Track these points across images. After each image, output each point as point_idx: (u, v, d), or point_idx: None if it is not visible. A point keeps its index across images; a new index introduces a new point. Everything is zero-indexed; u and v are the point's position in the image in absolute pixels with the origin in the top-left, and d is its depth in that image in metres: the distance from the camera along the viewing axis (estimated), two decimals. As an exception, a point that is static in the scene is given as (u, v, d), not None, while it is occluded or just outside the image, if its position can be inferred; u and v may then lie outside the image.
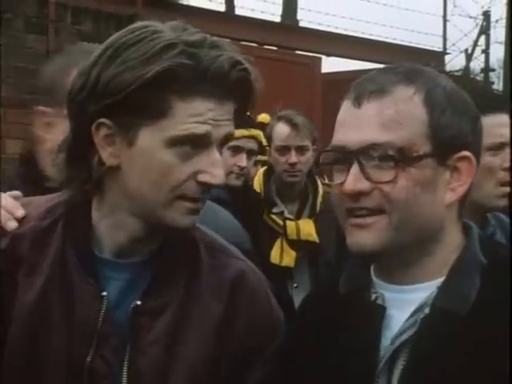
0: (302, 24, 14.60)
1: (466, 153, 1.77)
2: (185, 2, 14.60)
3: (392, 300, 1.80)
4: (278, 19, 15.74)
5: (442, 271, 1.78)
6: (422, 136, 1.76)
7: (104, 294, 1.82)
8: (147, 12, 8.80)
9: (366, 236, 1.77)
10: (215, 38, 1.82)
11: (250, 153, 4.60)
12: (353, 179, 1.76)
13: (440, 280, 1.77)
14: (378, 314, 1.80)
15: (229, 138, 1.82)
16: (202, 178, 1.79)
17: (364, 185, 1.76)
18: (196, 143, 1.78)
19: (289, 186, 4.64)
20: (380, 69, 1.87)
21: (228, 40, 1.92)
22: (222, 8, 16.02)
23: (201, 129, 1.77)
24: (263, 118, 5.01)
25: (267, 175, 4.72)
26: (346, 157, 1.78)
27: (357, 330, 1.80)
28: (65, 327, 1.81)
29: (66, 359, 1.79)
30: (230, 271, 1.93)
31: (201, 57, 1.76)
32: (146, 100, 1.75)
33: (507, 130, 2.90)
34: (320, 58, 11.01)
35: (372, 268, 1.87)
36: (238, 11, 15.30)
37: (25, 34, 7.65)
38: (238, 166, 4.49)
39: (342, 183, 1.76)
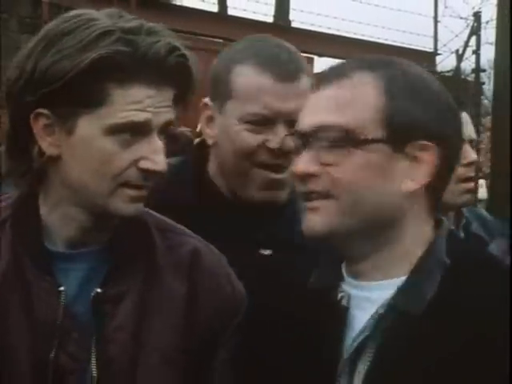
0: (294, 24, 14.58)
1: (425, 142, 1.71)
2: (178, 3, 14.57)
3: (357, 299, 1.76)
4: (270, 20, 15.72)
5: (404, 267, 1.74)
6: (374, 121, 1.71)
7: (61, 288, 1.77)
8: (140, 12, 8.80)
9: (315, 219, 1.75)
10: (152, 24, 1.78)
11: None
12: (303, 161, 1.75)
13: (402, 278, 1.73)
14: (340, 314, 1.76)
15: (169, 124, 1.79)
16: (144, 164, 1.76)
17: (313, 167, 1.73)
18: (136, 131, 1.74)
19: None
20: (349, 59, 1.85)
21: (221, 40, 1.91)
22: (214, 8, 15.99)
23: (140, 116, 1.74)
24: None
25: None
26: (302, 140, 1.76)
27: (320, 329, 1.77)
28: (26, 326, 1.76)
29: (30, 358, 1.74)
30: (185, 250, 1.91)
31: (138, 43, 1.73)
32: (84, 88, 1.71)
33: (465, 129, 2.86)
34: (312, 59, 11.01)
35: (343, 264, 1.82)
36: (231, 12, 15.25)
37: (19, 35, 7.63)
38: None
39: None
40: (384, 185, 1.71)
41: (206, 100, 2.41)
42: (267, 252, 2.32)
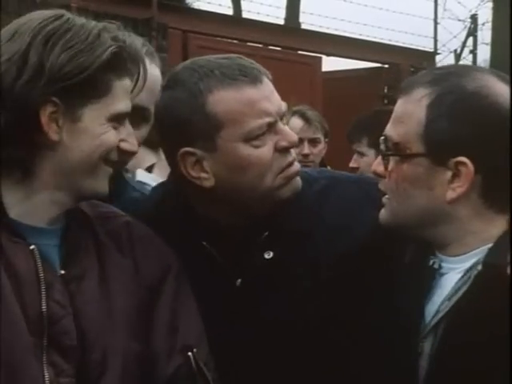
0: (304, 26, 14.53)
1: (462, 158, 1.75)
2: (195, 6, 14.55)
3: (446, 268, 1.83)
4: (281, 22, 15.67)
5: (481, 245, 1.78)
6: (417, 136, 1.78)
7: (32, 247, 1.79)
8: (162, 15, 8.79)
9: (381, 212, 1.89)
10: (109, 24, 1.89)
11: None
12: (375, 163, 1.88)
13: (483, 248, 1.77)
14: (432, 275, 1.83)
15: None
16: (124, 145, 1.88)
17: (381, 168, 1.86)
18: (123, 117, 1.87)
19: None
20: (434, 67, 1.91)
21: (236, 41, 1.93)
22: (230, 12, 15.99)
23: (129, 105, 1.87)
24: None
25: None
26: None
27: (411, 292, 1.84)
28: (14, 286, 1.76)
29: (24, 313, 1.76)
30: (119, 228, 1.97)
31: (122, 39, 1.86)
32: (95, 80, 1.80)
33: None
34: (320, 58, 10.98)
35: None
36: (245, 15, 15.24)
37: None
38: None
39: None
40: (428, 194, 1.79)
41: (184, 150, 2.03)
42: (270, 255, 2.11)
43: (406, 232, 1.86)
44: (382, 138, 1.85)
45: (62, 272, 1.82)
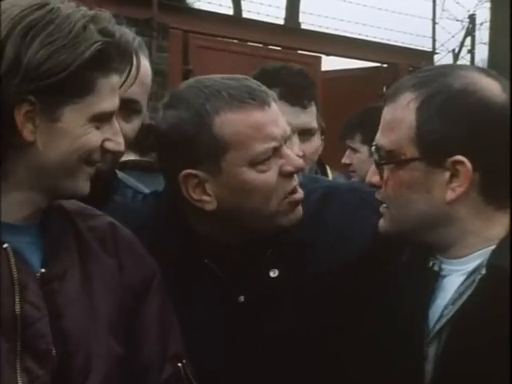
0: (303, 26, 14.50)
1: (459, 157, 1.73)
2: (196, 6, 14.53)
3: (446, 270, 1.81)
4: (281, 22, 15.64)
5: (481, 246, 1.76)
6: (409, 141, 1.76)
7: (5, 245, 1.69)
8: (162, 15, 8.78)
9: (380, 222, 1.86)
10: (98, 11, 1.74)
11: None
12: (369, 173, 1.86)
13: (486, 250, 1.75)
14: (432, 278, 1.81)
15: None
16: (109, 145, 1.75)
17: (376, 178, 1.83)
18: (108, 115, 1.74)
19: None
20: (419, 69, 1.89)
21: (236, 41, 1.90)
22: (230, 12, 15.96)
23: (116, 103, 1.74)
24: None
25: None
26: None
27: (412, 295, 1.81)
28: None
29: None
30: (104, 228, 1.88)
31: (112, 32, 1.71)
32: (76, 79, 1.66)
33: (292, 120, 2.78)
34: (320, 58, 10.96)
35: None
36: (245, 15, 15.21)
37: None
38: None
39: None
40: (426, 197, 1.77)
41: (187, 172, 1.98)
42: (276, 274, 2.07)
43: (407, 238, 1.84)
44: (374, 147, 1.82)
45: (43, 270, 1.72)
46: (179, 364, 1.85)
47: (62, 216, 1.83)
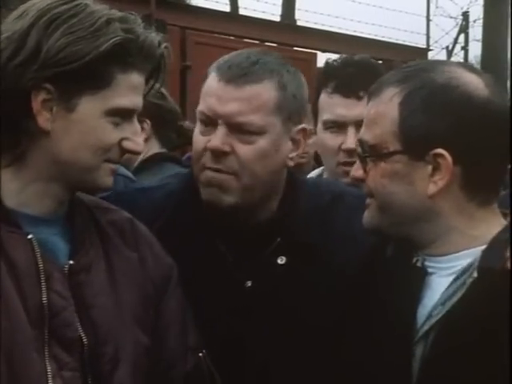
0: (299, 23, 14.52)
1: (439, 150, 1.72)
2: (193, 3, 14.52)
3: (429, 267, 1.80)
4: (277, 19, 15.65)
5: (466, 245, 1.75)
6: (392, 135, 1.76)
7: (29, 236, 1.71)
8: (160, 12, 8.76)
9: (365, 214, 1.87)
10: (127, 14, 1.78)
11: None
12: (354, 167, 1.86)
13: (469, 251, 1.74)
14: (417, 275, 1.80)
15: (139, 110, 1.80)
16: (127, 145, 1.77)
17: (359, 172, 1.83)
18: (126, 114, 1.74)
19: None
20: (400, 67, 1.87)
21: (232, 37, 1.91)
22: (227, 8, 15.95)
23: (135, 101, 1.75)
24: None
25: None
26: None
27: (396, 292, 1.81)
28: (13, 276, 1.68)
29: (24, 304, 1.68)
30: (123, 222, 1.90)
31: (136, 32, 1.73)
32: (93, 70, 1.68)
33: (347, 112, 2.79)
34: (316, 54, 10.93)
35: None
36: (242, 11, 15.22)
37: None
38: None
39: None
40: (408, 189, 1.76)
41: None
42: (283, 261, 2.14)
43: (389, 232, 1.82)
44: (357, 142, 1.83)
45: (71, 262, 1.75)
46: (200, 354, 1.90)
47: (84, 209, 1.85)
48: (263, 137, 2.10)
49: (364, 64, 2.93)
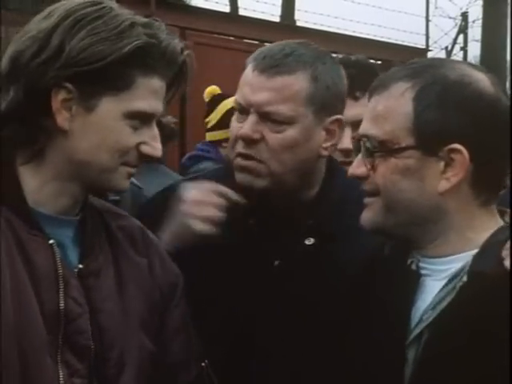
0: (299, 23, 14.54)
1: (456, 145, 1.71)
2: (193, 4, 14.52)
3: (424, 269, 1.78)
4: (277, 19, 15.64)
5: (464, 248, 1.74)
6: (405, 130, 1.73)
7: (51, 241, 1.72)
8: (160, 13, 8.76)
9: (366, 214, 1.81)
10: (152, 20, 1.78)
11: None
12: (354, 164, 1.81)
13: (467, 254, 1.73)
14: (410, 277, 1.79)
15: (160, 115, 1.80)
16: (145, 149, 1.77)
17: (361, 170, 1.79)
18: (145, 118, 1.75)
19: None
20: (404, 64, 1.85)
21: (232, 38, 1.91)
22: (226, 9, 15.96)
23: (154, 106, 1.75)
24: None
25: None
26: (358, 144, 1.83)
27: (390, 293, 1.80)
28: (32, 281, 1.68)
29: (42, 309, 1.68)
30: (133, 228, 1.91)
31: (159, 37, 1.74)
32: (114, 72, 1.69)
33: (344, 112, 2.79)
34: (315, 54, 10.95)
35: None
36: (242, 12, 15.22)
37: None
38: None
39: None
40: (419, 186, 1.74)
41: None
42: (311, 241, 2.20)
43: (392, 232, 1.80)
44: (363, 138, 1.79)
45: (80, 266, 1.75)
46: (203, 364, 1.91)
47: (95, 213, 1.85)
48: (293, 126, 2.16)
49: (360, 64, 2.97)
